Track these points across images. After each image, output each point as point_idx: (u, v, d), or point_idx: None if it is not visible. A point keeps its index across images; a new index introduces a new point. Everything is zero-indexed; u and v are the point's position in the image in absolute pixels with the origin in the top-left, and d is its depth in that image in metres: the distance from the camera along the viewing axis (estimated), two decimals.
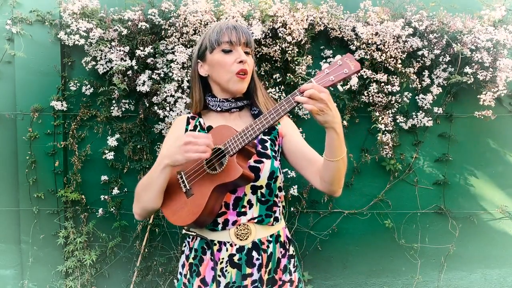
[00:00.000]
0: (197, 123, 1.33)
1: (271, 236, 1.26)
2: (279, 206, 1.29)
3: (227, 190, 1.17)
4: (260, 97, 1.31)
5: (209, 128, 1.30)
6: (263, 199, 1.23)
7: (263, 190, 1.22)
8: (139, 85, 2.37)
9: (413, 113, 2.61)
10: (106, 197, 2.56)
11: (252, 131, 1.07)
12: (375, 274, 2.82)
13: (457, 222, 2.77)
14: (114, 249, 2.65)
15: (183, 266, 1.32)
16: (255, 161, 1.20)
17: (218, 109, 1.30)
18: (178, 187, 1.19)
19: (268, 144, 1.26)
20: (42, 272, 2.65)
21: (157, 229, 2.64)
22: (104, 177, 2.57)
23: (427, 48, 2.48)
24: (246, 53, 1.25)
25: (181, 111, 2.38)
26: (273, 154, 1.25)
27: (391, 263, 2.81)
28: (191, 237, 1.32)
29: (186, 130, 1.33)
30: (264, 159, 1.22)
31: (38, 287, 2.67)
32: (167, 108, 2.39)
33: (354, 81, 1.04)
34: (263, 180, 1.21)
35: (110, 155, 2.50)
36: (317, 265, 2.77)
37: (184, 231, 1.30)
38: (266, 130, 1.21)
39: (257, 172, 1.20)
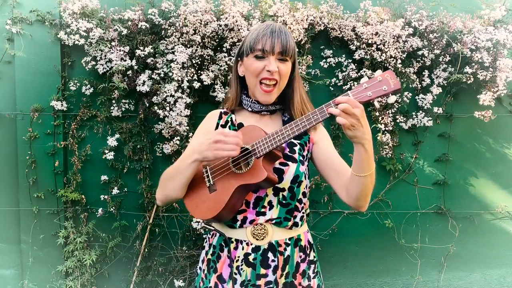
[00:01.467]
0: (229, 119, 1.34)
1: (289, 239, 1.25)
2: (301, 212, 1.27)
3: (250, 190, 1.18)
4: (296, 103, 1.27)
5: (240, 125, 1.30)
6: (284, 201, 1.22)
7: (285, 193, 1.22)
8: (139, 85, 2.37)
9: (413, 113, 2.61)
10: (106, 197, 2.56)
11: (281, 136, 1.07)
12: (375, 274, 2.82)
13: (457, 222, 2.76)
14: (114, 249, 2.65)
15: (202, 261, 1.35)
16: (280, 163, 1.20)
17: (250, 109, 1.31)
18: (202, 181, 1.20)
19: (297, 148, 1.25)
20: (42, 272, 2.65)
21: (157, 229, 2.64)
22: (104, 177, 2.56)
23: (427, 48, 2.48)
24: (282, 60, 1.20)
25: (181, 111, 2.38)
26: (301, 158, 1.24)
27: (391, 263, 2.81)
28: (211, 233, 1.33)
29: (218, 124, 1.34)
30: (290, 162, 1.21)
31: (38, 287, 2.67)
32: (167, 108, 2.39)
33: (392, 99, 1.01)
34: (286, 183, 1.20)
35: (110, 155, 2.50)
36: None
37: (203, 225, 1.31)
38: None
39: (281, 175, 1.19)
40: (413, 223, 2.76)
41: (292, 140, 1.26)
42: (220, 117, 1.35)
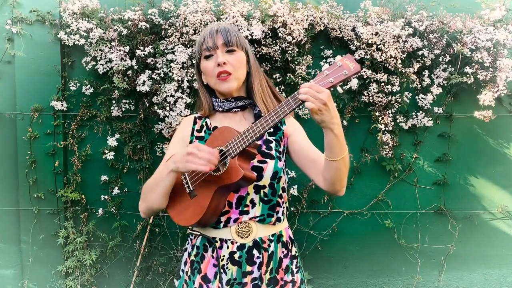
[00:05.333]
0: (204, 123, 1.35)
1: (272, 235, 1.27)
2: (282, 207, 1.29)
3: (230, 190, 1.18)
4: (257, 95, 1.30)
5: (215, 128, 1.31)
6: (266, 198, 1.24)
7: (266, 190, 1.23)
8: (139, 85, 2.37)
9: (413, 113, 2.61)
10: (106, 197, 2.56)
11: (253, 133, 1.07)
12: (375, 274, 2.82)
13: (457, 222, 2.76)
14: (114, 249, 2.65)
15: (185, 263, 1.34)
16: (258, 161, 1.22)
17: (220, 109, 1.33)
18: (182, 188, 1.20)
19: (272, 145, 1.27)
20: (42, 272, 2.65)
21: (157, 229, 2.64)
22: (104, 177, 2.56)
23: (427, 48, 2.48)
24: (230, 51, 1.24)
25: (181, 111, 2.38)
26: (277, 154, 1.26)
27: (391, 263, 2.81)
28: (193, 235, 1.33)
29: (193, 129, 1.35)
30: (268, 159, 1.23)
31: (38, 287, 2.67)
32: (167, 108, 2.39)
33: (354, 83, 1.03)
34: (266, 180, 1.22)
35: (110, 155, 2.50)
36: (317, 265, 2.77)
37: (188, 231, 1.31)
38: (271, 131, 1.25)
39: (260, 172, 1.21)
40: (413, 223, 2.76)
41: (267, 137, 1.28)
42: (194, 122, 1.36)
